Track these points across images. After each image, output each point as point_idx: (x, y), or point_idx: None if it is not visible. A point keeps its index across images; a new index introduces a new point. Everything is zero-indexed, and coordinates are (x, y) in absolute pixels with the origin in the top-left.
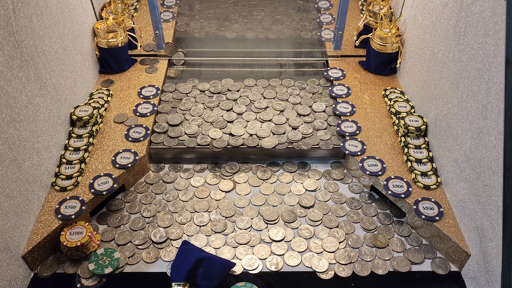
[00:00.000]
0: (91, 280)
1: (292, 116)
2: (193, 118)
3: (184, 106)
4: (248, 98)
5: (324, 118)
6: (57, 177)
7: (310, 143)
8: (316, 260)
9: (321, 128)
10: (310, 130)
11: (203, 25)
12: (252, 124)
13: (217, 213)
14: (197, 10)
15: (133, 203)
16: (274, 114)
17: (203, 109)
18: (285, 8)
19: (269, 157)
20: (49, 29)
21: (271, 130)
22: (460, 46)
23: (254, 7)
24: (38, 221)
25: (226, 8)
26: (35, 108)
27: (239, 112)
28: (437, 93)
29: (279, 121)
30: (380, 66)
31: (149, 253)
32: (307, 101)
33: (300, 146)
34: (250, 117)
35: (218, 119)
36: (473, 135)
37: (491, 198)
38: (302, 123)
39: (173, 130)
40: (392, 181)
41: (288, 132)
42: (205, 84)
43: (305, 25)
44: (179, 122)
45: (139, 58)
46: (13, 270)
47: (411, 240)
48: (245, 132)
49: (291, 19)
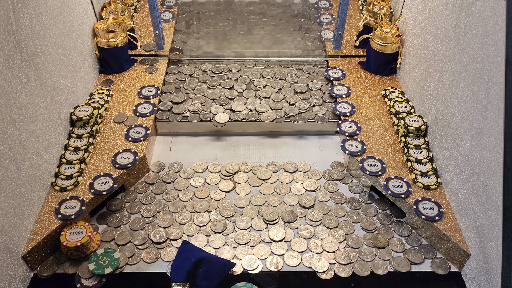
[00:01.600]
0: (91, 280)
1: (290, 94)
2: (196, 96)
3: (188, 86)
4: (248, 77)
5: (320, 96)
6: (57, 177)
7: (306, 117)
8: (316, 260)
9: (317, 104)
10: (306, 106)
11: (201, 44)
12: (252, 101)
13: (217, 213)
14: (195, 28)
15: (133, 203)
16: (272, 92)
17: (206, 88)
18: (286, 26)
19: (268, 131)
20: (49, 29)
21: (269, 105)
22: (460, 46)
23: (253, 25)
24: (38, 221)
25: (224, 26)
26: (35, 108)
27: (240, 90)
28: (437, 93)
29: (277, 98)
30: (380, 66)
31: (149, 253)
32: (304, 80)
33: (297, 120)
34: (250, 95)
35: (220, 97)
36: (473, 135)
37: (491, 198)
38: (299, 99)
39: (177, 107)
40: (392, 181)
41: (286, 108)
42: (207, 65)
43: (307, 44)
44: (182, 100)
45: (139, 58)
46: (13, 270)
47: (411, 240)
48: (245, 108)
49: (292, 38)
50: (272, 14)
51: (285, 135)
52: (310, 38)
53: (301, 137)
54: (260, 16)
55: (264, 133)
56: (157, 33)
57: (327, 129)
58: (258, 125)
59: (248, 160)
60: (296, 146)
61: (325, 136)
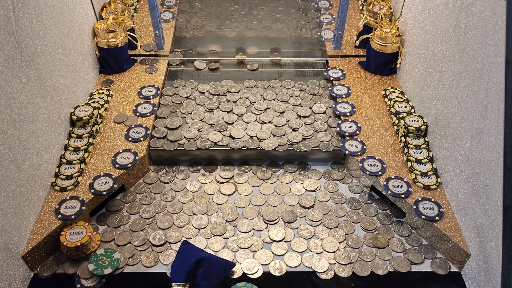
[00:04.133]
0: (91, 281)
1: (292, 118)
2: (193, 122)
3: (185, 110)
4: (248, 99)
5: (325, 120)
6: (57, 177)
7: (310, 144)
8: (316, 260)
9: (321, 129)
10: (310, 132)
11: (203, 24)
12: (252, 126)
13: (218, 216)
14: (198, 8)
15: (133, 203)
16: (274, 115)
17: (204, 112)
18: (285, 7)
19: (269, 159)
20: (49, 29)
21: (271, 132)
22: (460, 46)
23: (254, 6)
24: (38, 221)
25: (226, 7)
26: (35, 108)
27: (239, 114)
28: (437, 93)
29: (279, 123)
30: (380, 66)
31: (148, 257)
32: (307, 103)
33: (300, 148)
34: (250, 119)
35: (219, 121)
36: (473, 135)
37: (491, 198)
38: (302, 124)
39: (172, 134)
40: (392, 181)
41: (288, 134)
42: (204, 86)
43: (305, 24)
44: (178, 126)
45: (139, 58)
46: (13, 270)
47: (411, 240)
48: (245, 134)
49: (291, 18)
50: None
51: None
52: (308, 18)
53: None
54: None
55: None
56: (157, 33)
57: (333, 156)
58: (259, 152)
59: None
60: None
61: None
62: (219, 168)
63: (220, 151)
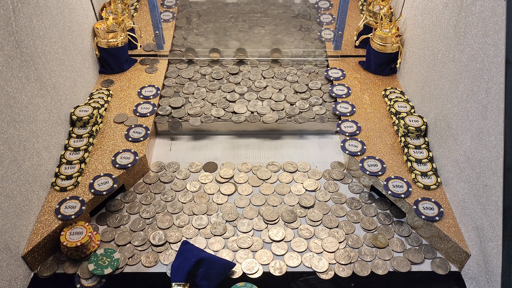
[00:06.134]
0: (90, 281)
1: (290, 93)
2: (196, 100)
3: (187, 90)
4: (249, 79)
5: (320, 95)
6: (57, 177)
7: (306, 117)
8: (316, 260)
9: (317, 103)
10: (306, 106)
11: (200, 41)
12: (254, 103)
13: (218, 216)
14: (195, 24)
15: (133, 203)
16: (273, 92)
17: (205, 92)
18: (287, 26)
19: (268, 130)
20: (49, 29)
21: (270, 107)
22: (460, 46)
23: (254, 23)
24: (38, 221)
25: (225, 23)
26: (35, 108)
27: (241, 93)
28: (437, 93)
29: (278, 98)
30: (380, 66)
31: (148, 257)
32: (304, 80)
33: (297, 120)
34: (251, 97)
35: (220, 100)
36: (473, 135)
37: (491, 198)
38: (299, 99)
39: (176, 112)
40: (392, 181)
41: (286, 108)
42: (207, 68)
43: (307, 45)
44: (182, 105)
45: (139, 58)
46: (13, 270)
47: (411, 240)
48: (247, 110)
49: (292, 38)
50: (273, 13)
51: (286, 135)
52: (311, 38)
53: (301, 137)
54: (261, 15)
55: (265, 133)
56: (157, 33)
57: (327, 128)
58: (258, 125)
59: (248, 160)
60: (296, 146)
61: (325, 136)
62: (219, 167)
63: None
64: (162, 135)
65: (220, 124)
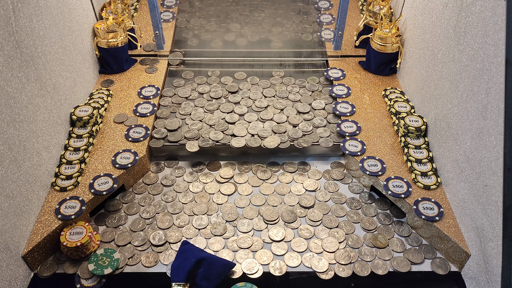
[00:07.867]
0: (90, 281)
1: (292, 114)
2: (193, 122)
3: (183, 111)
4: (249, 98)
5: (324, 116)
6: (57, 177)
7: (310, 140)
8: (316, 260)
9: (321, 125)
10: (310, 128)
11: (203, 23)
12: (254, 125)
13: (218, 216)
14: (197, 8)
15: (132, 204)
16: (274, 113)
17: (203, 112)
18: (285, 10)
19: (271, 155)
20: (49, 29)
21: (272, 129)
22: (460, 46)
23: (255, 7)
24: (38, 221)
25: (226, 6)
26: (35, 108)
27: (241, 113)
28: (437, 93)
29: (280, 120)
30: (380, 66)
31: (148, 257)
32: (307, 99)
33: (300, 144)
34: (251, 118)
35: (219, 122)
36: (473, 135)
37: (491, 198)
38: (302, 120)
39: (172, 135)
40: (392, 181)
41: (289, 130)
42: (205, 87)
43: (305, 27)
44: (178, 127)
45: (139, 58)
46: (13, 270)
47: (411, 240)
48: (247, 133)
49: (291, 21)
50: None
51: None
52: (308, 21)
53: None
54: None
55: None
56: (157, 33)
57: (332, 151)
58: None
59: (248, 159)
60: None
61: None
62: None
63: (221, 149)
64: (158, 157)
65: (219, 148)
